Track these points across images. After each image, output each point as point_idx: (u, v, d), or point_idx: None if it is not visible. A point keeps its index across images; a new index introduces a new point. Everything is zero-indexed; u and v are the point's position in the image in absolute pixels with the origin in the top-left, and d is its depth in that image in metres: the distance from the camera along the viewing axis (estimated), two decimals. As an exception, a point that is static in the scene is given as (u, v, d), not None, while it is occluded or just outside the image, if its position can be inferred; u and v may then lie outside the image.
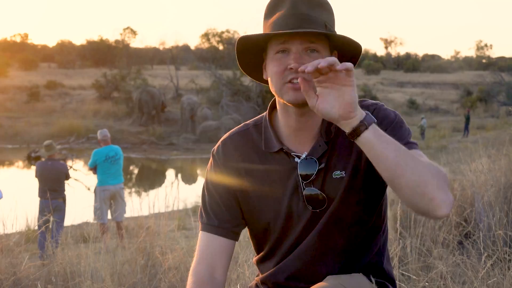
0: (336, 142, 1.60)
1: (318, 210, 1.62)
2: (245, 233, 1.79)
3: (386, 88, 47.77)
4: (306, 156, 1.60)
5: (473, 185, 4.82)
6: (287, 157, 1.62)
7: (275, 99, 1.65)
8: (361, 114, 1.41)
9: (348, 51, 1.58)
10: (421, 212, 1.44)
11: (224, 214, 1.67)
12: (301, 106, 1.53)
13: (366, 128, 1.40)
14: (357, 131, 1.40)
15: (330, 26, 1.54)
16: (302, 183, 1.60)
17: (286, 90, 1.52)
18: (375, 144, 1.40)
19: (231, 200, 1.68)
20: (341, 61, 1.60)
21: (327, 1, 1.56)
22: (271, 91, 1.58)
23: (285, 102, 1.55)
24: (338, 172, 1.60)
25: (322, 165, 1.60)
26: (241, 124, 1.75)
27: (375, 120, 1.42)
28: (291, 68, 1.50)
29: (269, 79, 1.58)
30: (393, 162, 1.40)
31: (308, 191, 1.60)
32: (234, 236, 1.68)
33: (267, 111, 1.69)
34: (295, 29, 1.48)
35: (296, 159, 1.61)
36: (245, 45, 1.59)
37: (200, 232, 1.70)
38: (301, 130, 1.61)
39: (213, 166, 1.71)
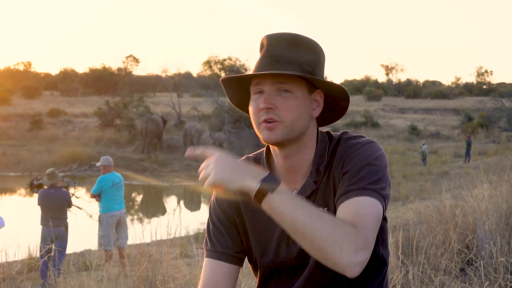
0: (322, 181, 1.62)
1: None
2: (247, 260, 1.81)
3: (387, 114, 47.92)
4: (295, 194, 1.60)
5: (475, 211, 4.82)
6: None
7: None
8: (255, 185, 1.41)
9: (335, 92, 1.60)
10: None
11: (227, 241, 1.69)
12: (278, 145, 1.58)
13: (262, 198, 1.41)
14: (258, 198, 1.42)
15: (310, 66, 1.56)
16: None
17: (261, 130, 1.56)
18: (271, 212, 1.42)
19: (232, 228, 1.70)
20: (329, 103, 1.64)
21: (309, 42, 1.58)
22: None
23: (262, 141, 1.58)
24: (320, 208, 1.60)
25: None
26: (244, 157, 1.77)
27: (277, 183, 1.42)
28: (262, 109, 1.54)
29: None
30: (291, 228, 1.41)
31: None
32: (238, 262, 1.70)
33: (265, 147, 1.71)
34: (262, 71, 1.52)
35: None
36: (231, 85, 1.64)
37: (205, 259, 1.72)
38: (291, 169, 1.63)
39: (215, 196, 1.74)
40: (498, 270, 3.50)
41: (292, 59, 1.54)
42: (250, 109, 1.59)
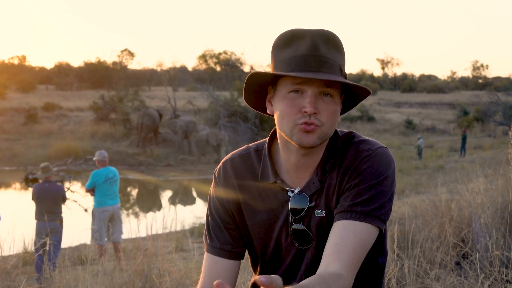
0: (327, 181, 1.59)
1: (303, 248, 1.62)
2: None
3: (383, 108, 47.97)
4: (299, 191, 1.60)
5: (470, 205, 4.83)
6: (281, 190, 1.62)
7: (275, 128, 1.62)
8: None
9: (357, 95, 1.59)
10: None
11: (225, 236, 1.68)
12: (309, 148, 1.54)
13: None
14: None
15: (344, 68, 1.54)
16: (292, 218, 1.60)
17: (297, 132, 1.50)
18: None
19: (231, 222, 1.68)
20: (348, 101, 1.62)
21: (342, 43, 1.55)
22: (277, 127, 1.56)
23: (293, 142, 1.53)
24: (320, 211, 1.59)
25: (313, 203, 1.59)
26: (244, 147, 1.73)
27: None
28: (305, 112, 1.48)
29: (275, 116, 1.56)
30: None
31: (296, 227, 1.60)
32: (237, 256, 1.69)
33: (268, 139, 1.67)
34: (316, 72, 1.47)
35: (290, 193, 1.60)
36: (255, 79, 1.56)
37: (205, 253, 1.71)
38: (300, 166, 1.60)
39: (214, 188, 1.71)
40: (493, 264, 3.50)
41: (335, 62, 1.51)
42: (284, 108, 1.51)
